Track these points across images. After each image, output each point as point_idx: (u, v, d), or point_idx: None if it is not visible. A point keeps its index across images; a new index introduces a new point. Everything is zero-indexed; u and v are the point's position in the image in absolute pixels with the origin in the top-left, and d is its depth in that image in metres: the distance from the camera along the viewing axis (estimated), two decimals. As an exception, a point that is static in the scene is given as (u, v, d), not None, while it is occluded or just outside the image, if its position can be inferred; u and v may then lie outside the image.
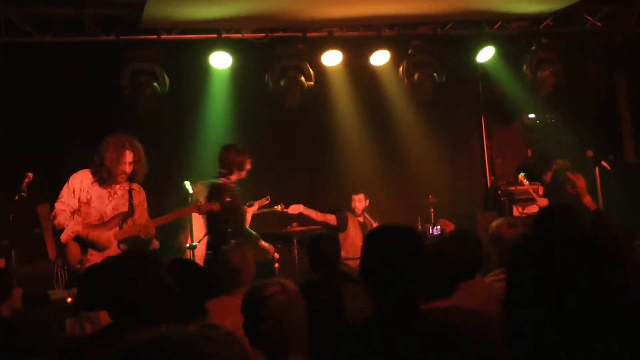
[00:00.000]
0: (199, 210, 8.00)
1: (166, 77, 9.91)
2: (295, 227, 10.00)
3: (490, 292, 4.16)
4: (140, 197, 7.58)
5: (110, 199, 7.39)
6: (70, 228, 7.15)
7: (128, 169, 7.38)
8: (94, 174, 7.37)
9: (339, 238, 8.74)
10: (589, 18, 10.74)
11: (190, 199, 8.63)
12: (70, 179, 7.35)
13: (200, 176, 9.58)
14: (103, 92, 10.09)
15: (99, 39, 9.54)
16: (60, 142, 10.11)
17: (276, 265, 10.03)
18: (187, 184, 8.77)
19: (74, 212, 7.25)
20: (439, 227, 6.35)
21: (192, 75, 10.43)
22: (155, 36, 9.72)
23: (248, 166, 8.47)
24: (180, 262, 4.92)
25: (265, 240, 10.39)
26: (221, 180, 8.40)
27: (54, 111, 9.99)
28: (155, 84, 9.80)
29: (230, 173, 8.41)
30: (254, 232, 8.98)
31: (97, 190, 7.34)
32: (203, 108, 10.56)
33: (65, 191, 7.30)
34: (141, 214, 7.53)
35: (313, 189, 11.23)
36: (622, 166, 10.76)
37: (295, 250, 9.91)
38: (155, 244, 7.63)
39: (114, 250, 7.13)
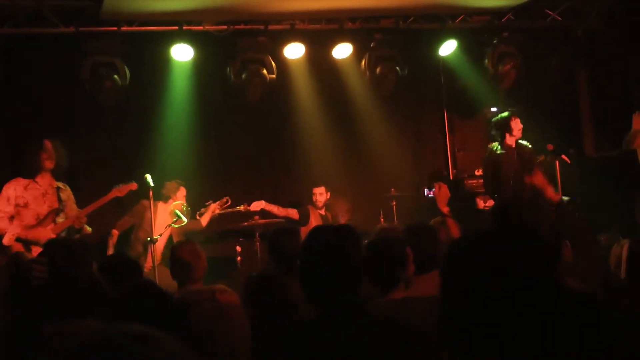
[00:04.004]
0: (119, 192, 8.36)
1: (127, 70, 9.82)
2: (257, 220, 9.99)
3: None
4: (67, 193, 8.19)
5: (44, 199, 7.96)
6: (11, 232, 7.69)
7: (53, 155, 7.94)
8: (26, 174, 7.97)
9: (301, 232, 8.75)
10: (550, 12, 10.81)
11: (155, 193, 8.72)
12: (3, 189, 7.89)
13: (161, 169, 9.57)
14: (63, 84, 9.98)
15: (58, 31, 9.44)
16: (19, 135, 9.98)
17: (238, 258, 10.04)
18: (148, 176, 8.75)
19: (12, 217, 7.80)
20: (433, 189, 6.32)
21: (153, 67, 10.33)
22: (115, 28, 9.64)
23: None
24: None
25: (228, 234, 10.41)
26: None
27: (12, 104, 9.85)
28: (116, 77, 9.70)
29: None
30: None
31: (31, 194, 7.90)
32: (164, 101, 10.46)
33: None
34: (70, 207, 8.16)
35: (275, 182, 11.20)
36: (582, 160, 10.86)
37: (257, 244, 9.91)
38: (87, 229, 8.18)
39: None
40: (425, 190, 10.85)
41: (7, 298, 3.20)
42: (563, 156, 9.24)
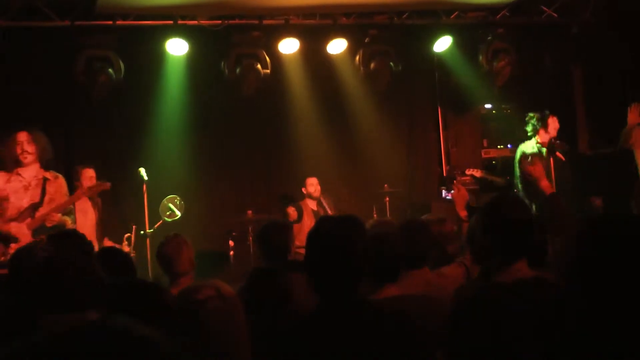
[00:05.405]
0: (84, 193, 8.02)
1: (121, 64, 9.80)
2: (250, 215, 10.00)
3: (436, 282, 4.17)
4: (56, 184, 7.72)
5: (26, 192, 7.56)
6: None
7: (28, 147, 7.49)
8: (6, 167, 7.57)
9: (295, 228, 8.76)
10: (545, 9, 10.81)
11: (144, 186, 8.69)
12: None
13: (155, 163, 9.57)
14: (58, 78, 9.97)
15: (53, 24, 9.42)
16: (13, 128, 9.95)
17: (231, 253, 10.04)
18: (142, 170, 8.76)
19: None
20: (452, 191, 6.19)
21: (148, 61, 10.32)
22: (110, 22, 9.62)
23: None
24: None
25: (219, 228, 10.40)
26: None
27: (6, 97, 9.83)
28: (110, 71, 9.68)
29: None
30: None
31: (12, 187, 7.51)
32: (159, 95, 10.46)
33: None
34: (52, 200, 7.64)
35: (269, 176, 11.21)
36: (576, 157, 10.86)
37: (250, 239, 9.90)
38: (69, 224, 7.68)
39: (29, 240, 7.19)
40: (443, 191, 10.81)
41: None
42: (557, 153, 9.24)
